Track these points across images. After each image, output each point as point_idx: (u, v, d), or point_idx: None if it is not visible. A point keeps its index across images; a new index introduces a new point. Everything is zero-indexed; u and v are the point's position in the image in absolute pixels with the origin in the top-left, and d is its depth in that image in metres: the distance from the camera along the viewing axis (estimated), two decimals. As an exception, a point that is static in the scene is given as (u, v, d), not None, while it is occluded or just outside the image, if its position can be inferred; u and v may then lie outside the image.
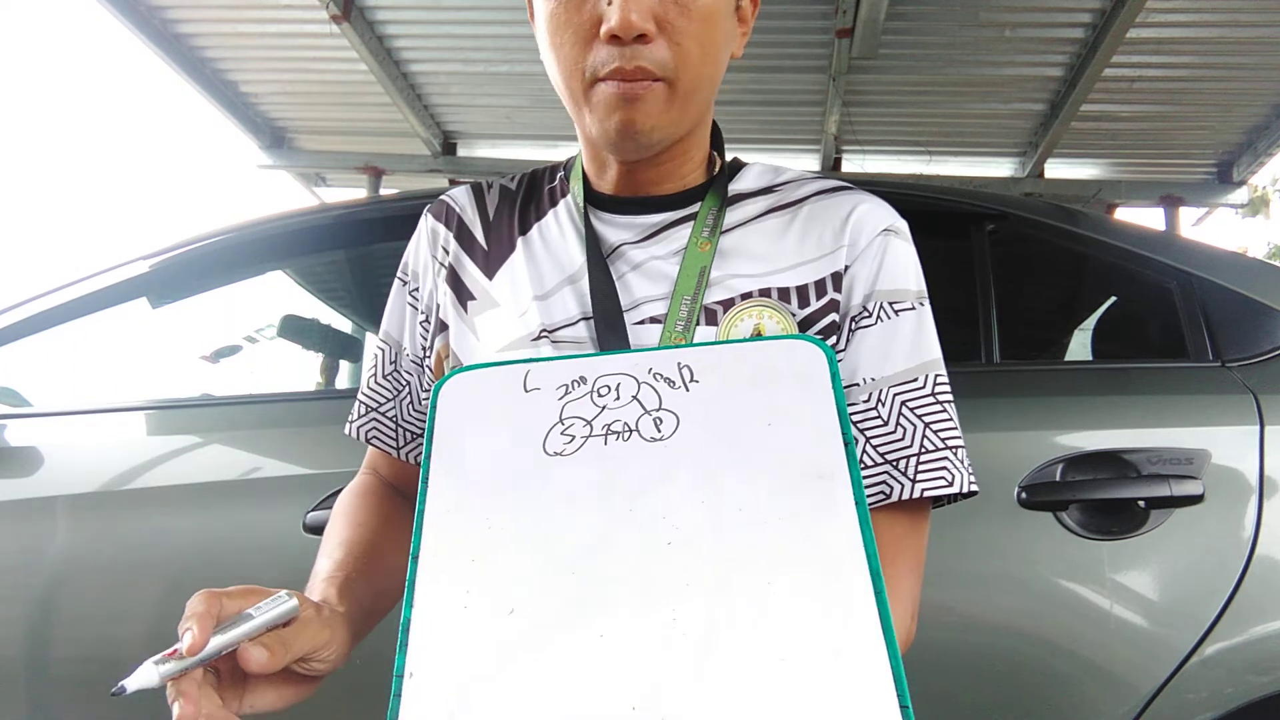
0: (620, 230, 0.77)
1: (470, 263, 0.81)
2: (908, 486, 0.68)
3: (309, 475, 1.23)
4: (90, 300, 1.53)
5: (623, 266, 0.75)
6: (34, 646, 1.26)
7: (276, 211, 1.63)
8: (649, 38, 0.66)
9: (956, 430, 0.71)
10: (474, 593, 0.56)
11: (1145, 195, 4.00)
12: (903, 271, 0.74)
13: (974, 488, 0.70)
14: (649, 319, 0.73)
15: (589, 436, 0.62)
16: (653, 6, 0.65)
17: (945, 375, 0.72)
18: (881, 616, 0.52)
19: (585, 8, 0.67)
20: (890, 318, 0.72)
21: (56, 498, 1.29)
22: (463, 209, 0.85)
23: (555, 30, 0.68)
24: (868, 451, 0.70)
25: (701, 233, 0.75)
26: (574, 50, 0.68)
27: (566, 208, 0.81)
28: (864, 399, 0.71)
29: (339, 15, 3.06)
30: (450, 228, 0.83)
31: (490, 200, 0.85)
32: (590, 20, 0.66)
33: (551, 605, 0.55)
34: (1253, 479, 1.11)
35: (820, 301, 0.72)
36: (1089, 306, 1.83)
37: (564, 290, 0.76)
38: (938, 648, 1.08)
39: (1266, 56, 3.19)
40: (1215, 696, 1.05)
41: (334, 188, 4.47)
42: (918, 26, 3.10)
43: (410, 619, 0.56)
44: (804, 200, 0.78)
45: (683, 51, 0.67)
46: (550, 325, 0.74)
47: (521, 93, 3.68)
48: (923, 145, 3.89)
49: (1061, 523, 1.11)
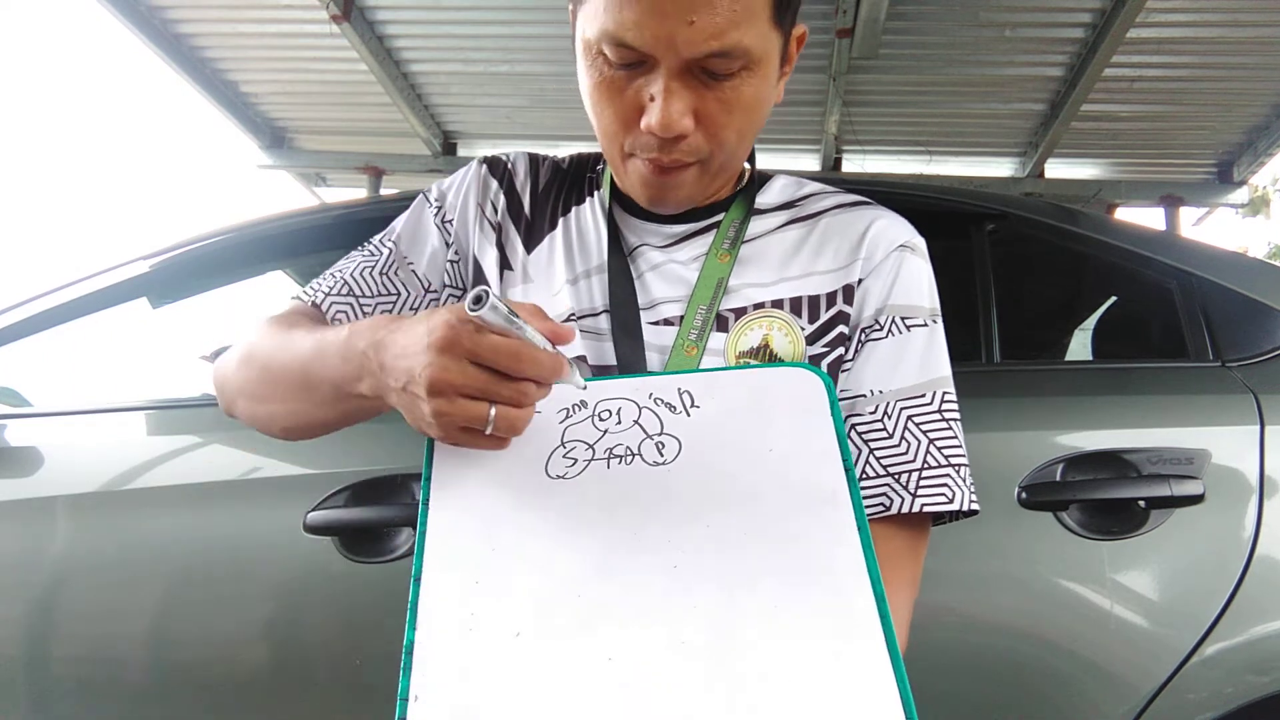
0: (643, 233, 0.78)
1: (514, 231, 0.81)
2: (908, 500, 0.68)
3: (309, 475, 1.23)
4: (90, 300, 1.53)
5: (642, 265, 0.76)
6: (34, 646, 1.26)
7: (276, 211, 1.63)
8: (687, 134, 0.66)
9: (961, 449, 0.71)
10: (478, 615, 0.56)
11: (1145, 195, 4.01)
12: (917, 288, 0.74)
13: (975, 506, 0.70)
14: (663, 320, 0.73)
15: (591, 460, 0.62)
16: (694, 103, 0.65)
17: (953, 394, 0.72)
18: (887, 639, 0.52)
19: (628, 92, 0.66)
20: (901, 332, 0.72)
21: (56, 498, 1.29)
22: (516, 172, 0.84)
23: (596, 101, 0.68)
24: (870, 463, 0.70)
25: (722, 244, 0.75)
26: (613, 126, 0.68)
27: (600, 201, 0.81)
28: (870, 410, 0.71)
29: (339, 15, 3.06)
30: (502, 185, 0.83)
31: (543, 174, 0.85)
32: (632, 105, 0.66)
33: (557, 628, 0.54)
34: (1253, 479, 1.11)
35: (829, 313, 0.73)
36: (1089, 306, 1.83)
37: (593, 279, 0.77)
38: (938, 648, 1.08)
39: (1266, 56, 3.19)
40: (1215, 696, 1.05)
41: (334, 188, 4.47)
42: (918, 26, 3.10)
43: (414, 641, 0.55)
44: (822, 214, 0.78)
45: (720, 140, 0.68)
46: (580, 311, 0.75)
47: (521, 93, 3.68)
48: (923, 145, 3.89)
49: (1061, 523, 1.11)
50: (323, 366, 0.65)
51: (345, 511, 1.18)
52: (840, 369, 0.73)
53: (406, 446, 1.20)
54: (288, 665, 1.19)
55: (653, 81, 0.64)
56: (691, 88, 0.64)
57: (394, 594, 1.14)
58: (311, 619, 1.20)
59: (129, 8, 3.18)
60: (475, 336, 0.54)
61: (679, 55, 0.62)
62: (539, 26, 3.23)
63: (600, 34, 0.63)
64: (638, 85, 0.65)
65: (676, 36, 0.61)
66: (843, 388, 0.73)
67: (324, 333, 0.67)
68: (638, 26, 0.61)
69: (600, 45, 0.64)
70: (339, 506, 1.19)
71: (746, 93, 0.66)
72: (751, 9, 0.62)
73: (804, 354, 0.72)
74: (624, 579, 0.56)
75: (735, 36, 0.61)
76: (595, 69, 0.66)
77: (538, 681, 0.53)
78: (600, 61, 0.65)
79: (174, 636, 1.22)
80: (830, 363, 0.73)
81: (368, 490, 1.19)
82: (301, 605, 1.20)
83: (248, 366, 0.74)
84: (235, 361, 0.76)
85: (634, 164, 0.70)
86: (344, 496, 1.19)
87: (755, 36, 0.63)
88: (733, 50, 0.62)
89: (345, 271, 0.82)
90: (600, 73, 0.66)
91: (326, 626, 1.19)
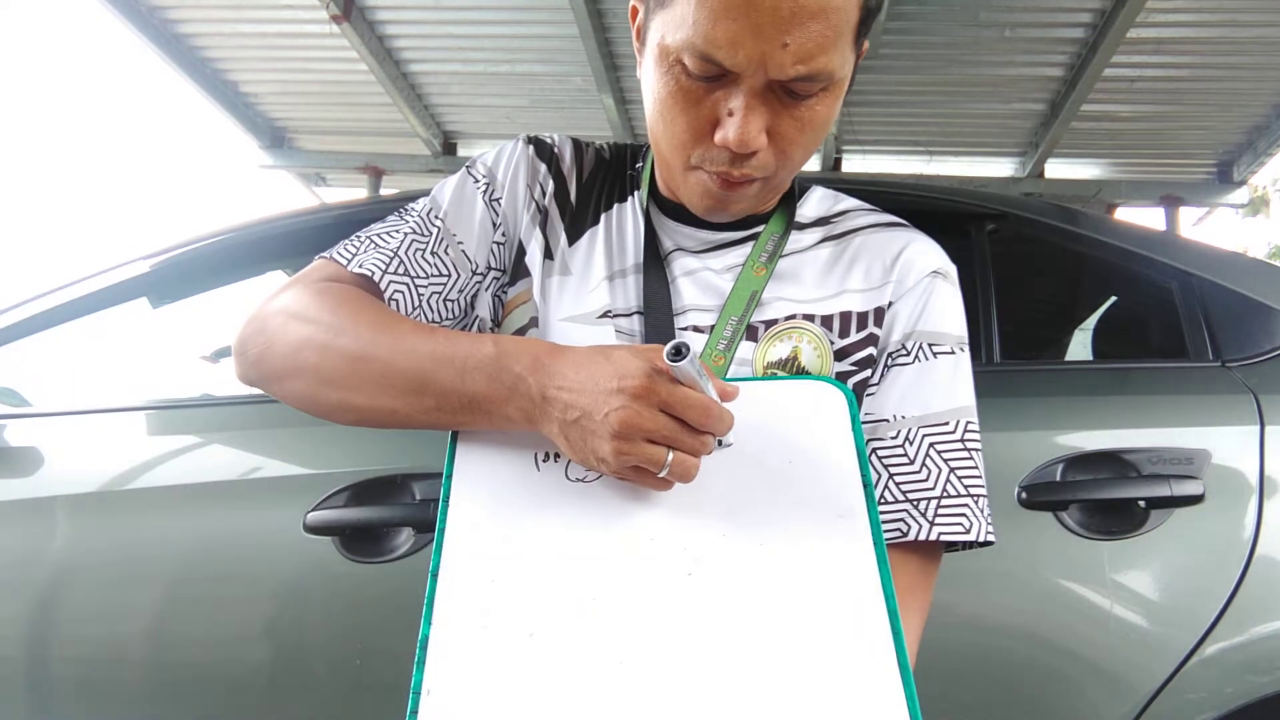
0: (680, 237, 0.78)
1: (559, 219, 0.80)
2: (925, 528, 0.68)
3: (309, 475, 1.23)
4: (90, 300, 1.53)
5: (676, 270, 0.76)
6: (34, 646, 1.26)
7: (276, 211, 1.63)
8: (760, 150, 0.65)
9: (981, 480, 0.71)
10: (493, 613, 0.56)
11: (1145, 195, 4.01)
12: (946, 315, 0.74)
13: (991, 538, 0.70)
14: (693, 327, 0.73)
15: None
16: (770, 121, 0.64)
17: (976, 424, 0.72)
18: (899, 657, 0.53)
19: (705, 104, 0.64)
20: (928, 359, 0.72)
21: (56, 498, 1.29)
22: (563, 157, 0.82)
23: (669, 110, 0.66)
24: (890, 488, 0.70)
25: (760, 257, 0.75)
26: (684, 136, 0.67)
27: (639, 201, 0.80)
28: (892, 435, 0.71)
29: (339, 15, 3.06)
30: (550, 168, 0.81)
31: (588, 162, 0.83)
32: (707, 117, 0.65)
33: (571, 630, 0.55)
34: (1253, 479, 1.11)
35: (860, 334, 0.73)
36: (1089, 306, 1.83)
37: (630, 278, 0.76)
38: (938, 648, 1.08)
39: (1266, 56, 3.19)
40: (1215, 696, 1.05)
41: (334, 188, 4.47)
42: (918, 26, 3.10)
43: (428, 636, 0.56)
44: (856, 232, 0.78)
45: (788, 157, 0.67)
46: (615, 310, 0.75)
47: (521, 93, 3.68)
48: (923, 145, 3.89)
49: (1062, 523, 1.11)
50: (456, 379, 0.62)
51: (345, 511, 1.18)
52: (865, 392, 0.73)
53: (406, 447, 1.20)
54: (288, 665, 1.19)
55: (733, 96, 0.62)
56: (769, 105, 0.63)
57: (394, 594, 1.15)
58: (311, 619, 1.20)
59: (129, 8, 3.18)
60: (670, 387, 0.56)
61: (765, 75, 0.61)
62: (539, 26, 3.23)
63: (685, 45, 0.61)
64: (715, 98, 0.64)
65: (769, 59, 0.59)
66: (866, 411, 0.72)
67: (449, 339, 0.64)
68: (731, 45, 0.59)
69: (682, 55, 0.62)
70: (339, 506, 1.19)
71: (821, 112, 0.65)
72: (840, 31, 0.61)
73: (831, 369, 0.72)
74: (638, 584, 0.56)
75: (824, 60, 0.61)
76: (671, 77, 0.64)
77: (549, 681, 0.53)
78: (678, 70, 0.63)
79: (174, 637, 1.22)
80: (855, 384, 0.73)
81: (368, 490, 1.19)
82: (301, 605, 1.20)
83: (326, 351, 0.66)
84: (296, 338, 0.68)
85: (698, 175, 0.69)
86: (344, 496, 1.19)
87: (839, 59, 0.62)
88: (819, 74, 0.61)
89: (393, 245, 0.76)
90: (677, 82, 0.64)
91: (326, 627, 1.19)
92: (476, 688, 0.53)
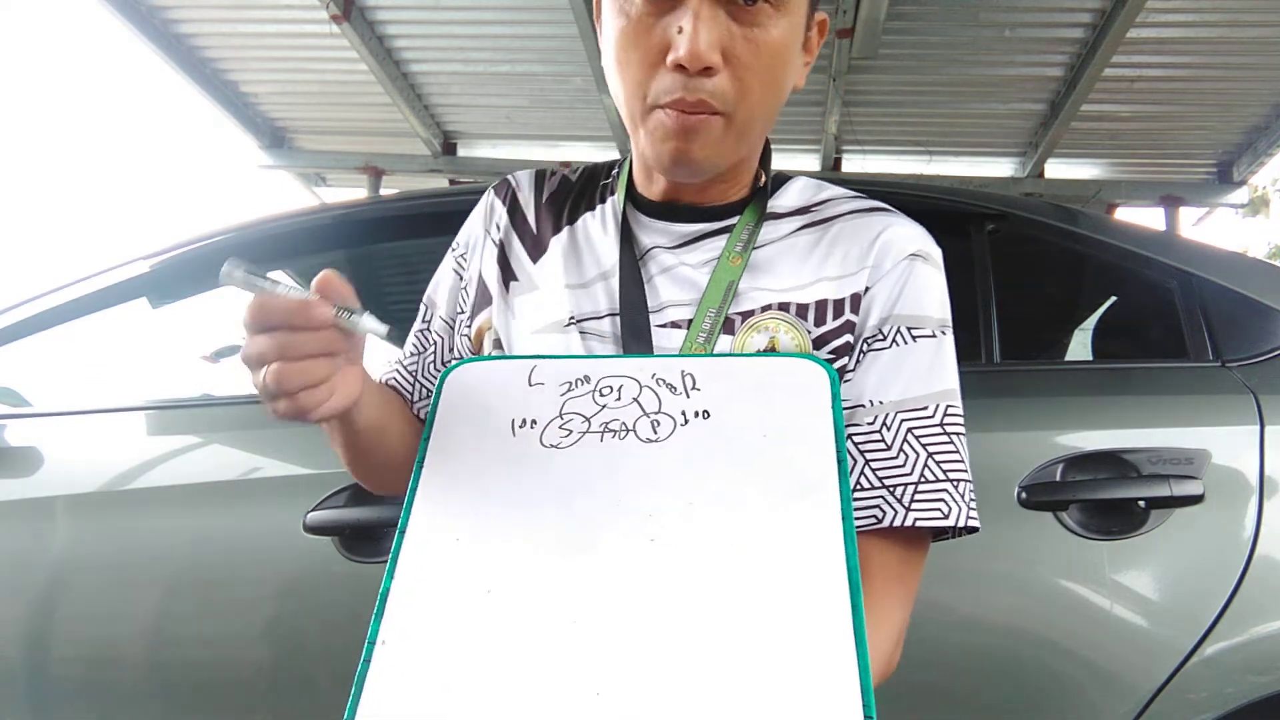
0: (656, 235, 0.78)
1: (519, 244, 0.82)
2: (900, 514, 0.67)
3: (309, 475, 1.23)
4: (90, 300, 1.53)
5: (653, 269, 0.76)
6: (34, 646, 1.26)
7: (276, 211, 1.63)
8: (714, 70, 0.65)
9: (962, 464, 0.69)
10: (455, 570, 0.58)
11: (1145, 195, 4.00)
12: (926, 298, 0.73)
13: (974, 523, 0.68)
14: (671, 323, 0.73)
15: (586, 432, 0.63)
16: (722, 38, 0.65)
17: (959, 408, 0.71)
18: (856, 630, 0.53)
19: (655, 31, 0.66)
20: (906, 343, 0.71)
21: (56, 498, 1.29)
22: (520, 189, 0.86)
23: (623, 49, 0.68)
24: (866, 474, 0.69)
25: (735, 247, 0.75)
26: (638, 72, 0.67)
27: (612, 206, 0.81)
28: (868, 421, 0.70)
29: (339, 15, 3.06)
30: (506, 204, 0.85)
31: (548, 187, 0.86)
32: (659, 45, 0.66)
33: (528, 589, 0.56)
34: (1253, 479, 1.11)
35: (836, 321, 0.72)
36: (1089, 306, 1.83)
37: (598, 285, 0.77)
38: (938, 647, 1.08)
39: (1266, 56, 3.19)
40: (1215, 696, 1.05)
41: (334, 188, 4.47)
42: (918, 26, 3.10)
43: (389, 589, 0.57)
44: (836, 219, 0.77)
45: (745, 87, 0.67)
46: (579, 315, 0.75)
47: (521, 93, 3.68)
48: (923, 145, 3.89)
49: (1061, 523, 1.11)
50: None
51: (345, 511, 1.18)
52: (842, 380, 0.72)
53: (406, 446, 1.20)
54: (288, 665, 1.19)
55: (682, 15, 0.64)
56: (719, 22, 0.64)
57: (394, 594, 1.15)
58: (311, 619, 1.20)
59: (129, 8, 3.18)
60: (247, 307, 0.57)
61: None
62: (539, 26, 3.23)
63: None
64: (665, 23, 0.65)
65: None
66: (843, 398, 0.72)
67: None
68: None
69: None
70: (339, 506, 1.19)
71: (776, 36, 0.66)
72: None
73: None
74: (600, 548, 0.57)
75: None
76: (622, 13, 0.67)
77: (502, 638, 0.54)
78: (626, 4, 0.66)
79: (174, 637, 1.22)
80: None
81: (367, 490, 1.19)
82: (301, 605, 1.20)
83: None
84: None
85: (656, 118, 0.68)
86: (344, 496, 1.19)
87: None
88: None
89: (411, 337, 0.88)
90: (628, 16, 0.66)
91: (326, 626, 1.19)
92: (431, 641, 0.55)
